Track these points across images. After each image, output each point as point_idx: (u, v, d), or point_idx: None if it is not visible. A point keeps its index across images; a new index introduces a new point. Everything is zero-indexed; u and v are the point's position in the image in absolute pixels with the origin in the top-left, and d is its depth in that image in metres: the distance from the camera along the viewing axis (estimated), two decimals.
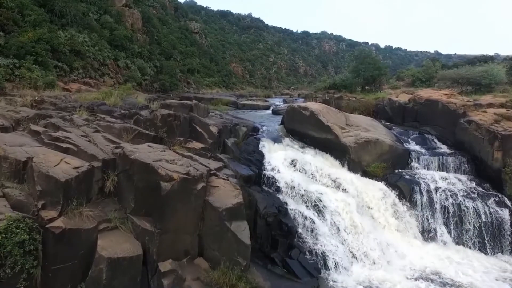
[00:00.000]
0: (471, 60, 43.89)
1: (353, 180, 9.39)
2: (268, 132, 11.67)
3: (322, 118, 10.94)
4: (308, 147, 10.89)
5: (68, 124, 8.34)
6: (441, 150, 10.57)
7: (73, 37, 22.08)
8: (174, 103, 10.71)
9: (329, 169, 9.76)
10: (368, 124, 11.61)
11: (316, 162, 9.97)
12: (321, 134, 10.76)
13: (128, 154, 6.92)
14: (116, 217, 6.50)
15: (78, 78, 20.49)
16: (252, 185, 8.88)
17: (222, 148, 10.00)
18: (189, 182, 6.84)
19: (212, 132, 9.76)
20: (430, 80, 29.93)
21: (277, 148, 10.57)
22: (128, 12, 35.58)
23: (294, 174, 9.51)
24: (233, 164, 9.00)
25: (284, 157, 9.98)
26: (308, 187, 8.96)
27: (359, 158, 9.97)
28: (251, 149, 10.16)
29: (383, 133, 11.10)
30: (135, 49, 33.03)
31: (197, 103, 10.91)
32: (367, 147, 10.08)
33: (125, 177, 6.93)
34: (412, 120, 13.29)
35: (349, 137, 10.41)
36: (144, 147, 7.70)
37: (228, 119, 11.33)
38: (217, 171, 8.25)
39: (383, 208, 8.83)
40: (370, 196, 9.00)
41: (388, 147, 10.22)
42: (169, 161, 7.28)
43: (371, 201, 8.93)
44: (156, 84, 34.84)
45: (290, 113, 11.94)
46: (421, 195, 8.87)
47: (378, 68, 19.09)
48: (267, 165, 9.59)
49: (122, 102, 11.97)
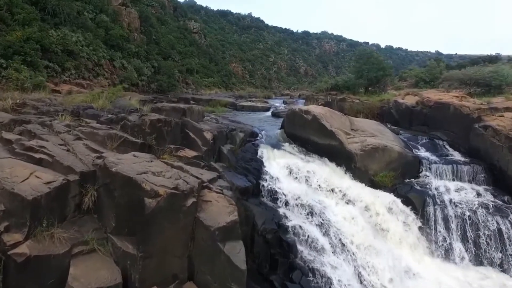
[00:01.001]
0: (475, 60, 43.24)
1: (359, 191, 8.63)
2: (267, 137, 10.90)
3: (325, 122, 10.18)
4: (310, 154, 10.13)
5: (46, 131, 7.57)
6: (454, 157, 9.81)
7: (65, 36, 21.32)
8: (165, 107, 9.95)
9: (333, 178, 9.00)
10: (374, 129, 10.85)
11: (319, 171, 9.20)
12: (324, 140, 10.00)
13: (109, 166, 6.15)
14: (94, 238, 5.72)
15: (70, 79, 19.72)
16: (249, 197, 8.12)
17: (217, 156, 9.24)
18: (178, 197, 6.08)
19: (206, 139, 8.99)
20: (434, 81, 29.16)
21: (277, 155, 9.81)
22: (125, 11, 34.80)
23: (295, 184, 8.76)
24: (228, 174, 8.23)
25: (285, 166, 9.23)
26: (310, 199, 8.20)
27: (365, 167, 9.21)
28: (248, 156, 9.40)
29: (391, 139, 10.33)
30: (131, 49, 32.26)
31: (191, 106, 10.14)
32: (374, 154, 9.32)
33: (106, 192, 6.17)
34: (420, 124, 12.53)
35: (355, 144, 9.65)
36: (129, 157, 6.93)
37: (224, 123, 10.56)
38: (210, 183, 7.49)
39: (393, 222, 8.06)
40: (378, 209, 8.24)
41: (397, 154, 9.46)
42: (156, 173, 6.52)
43: (380, 214, 8.17)
44: (154, 85, 34.08)
45: (290, 117, 11.18)
46: (435, 208, 8.11)
47: (382, 68, 18.31)
48: (266, 174, 8.83)
49: (111, 105, 11.22)
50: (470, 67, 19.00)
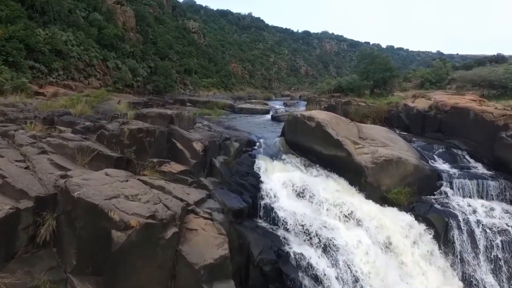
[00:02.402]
0: (481, 60, 42.04)
1: (371, 211, 7.51)
2: (265, 146, 9.78)
3: (330, 130, 9.06)
4: (313, 166, 9.00)
5: (5, 144, 6.46)
6: (478, 170, 8.67)
7: (54, 35, 20.19)
8: (151, 113, 8.83)
9: (340, 196, 7.88)
10: (385, 137, 9.72)
11: (324, 186, 8.09)
12: (330, 150, 8.88)
13: (71, 190, 5.04)
14: (49, 281, 4.63)
15: (57, 80, 18.60)
16: (244, 219, 7.00)
17: (209, 170, 8.12)
18: (155, 228, 4.97)
19: (195, 150, 7.88)
20: (440, 82, 27.99)
21: (277, 168, 8.69)
22: (120, 10, 33.66)
23: (297, 203, 7.64)
24: (220, 193, 7.11)
25: (285, 181, 8.10)
26: (315, 222, 7.08)
27: (377, 182, 8.08)
28: (244, 170, 8.28)
29: (405, 148, 9.20)
30: (126, 48, 31.10)
31: (179, 112, 9.03)
32: (387, 168, 8.19)
33: (67, 222, 5.06)
34: (434, 131, 11.39)
35: (365, 155, 8.52)
36: (100, 175, 5.82)
37: (218, 131, 9.44)
38: (197, 205, 6.37)
39: (411, 249, 6.93)
40: (393, 233, 7.11)
41: (412, 167, 8.33)
42: (130, 197, 5.40)
43: (396, 240, 7.04)
44: (150, 86, 32.97)
45: (292, 124, 10.06)
46: (460, 232, 6.98)
47: (389, 69, 17.13)
48: (264, 191, 7.71)
49: (93, 110, 10.11)
50: (482, 68, 17.86)
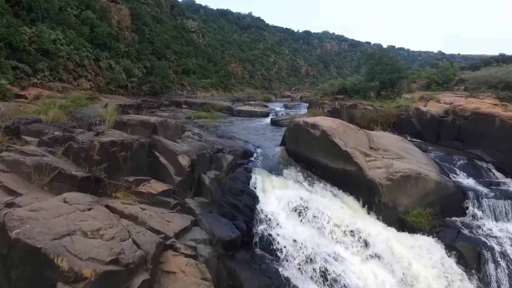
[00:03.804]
0: (487, 60, 40.89)
1: (387, 238, 6.36)
2: (263, 157, 8.63)
3: (337, 140, 7.91)
4: (318, 182, 7.86)
5: None
6: (510, 188, 7.52)
7: (41, 33, 19.06)
8: (132, 121, 7.68)
9: (350, 218, 6.73)
10: (399, 148, 8.56)
11: (331, 207, 6.94)
12: (337, 163, 7.73)
13: (8, 227, 3.89)
14: None
15: (43, 82, 17.48)
16: (237, 250, 5.84)
17: (197, 188, 6.96)
18: (117, 277, 3.82)
19: (181, 165, 6.72)
20: (447, 83, 26.90)
21: (276, 184, 7.54)
22: (114, 8, 32.49)
23: (300, 228, 6.49)
24: (208, 218, 5.96)
25: (286, 200, 6.96)
26: (322, 252, 5.93)
27: (394, 202, 6.93)
28: (239, 187, 7.12)
29: (423, 161, 8.05)
30: (121, 48, 29.93)
31: (165, 120, 7.87)
32: (405, 185, 7.04)
33: (2, 270, 3.93)
34: (451, 139, 10.24)
35: (378, 169, 7.37)
36: (55, 203, 4.68)
37: (209, 141, 8.28)
38: (178, 237, 5.21)
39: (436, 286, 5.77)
40: (415, 266, 5.95)
41: (434, 184, 7.17)
42: (89, 233, 4.25)
43: (418, 273, 5.88)
44: (145, 87, 31.82)
45: (293, 132, 8.91)
46: (496, 265, 5.83)
47: (398, 69, 15.95)
48: (261, 214, 6.56)
49: (69, 116, 8.96)
50: (498, 68, 16.69)
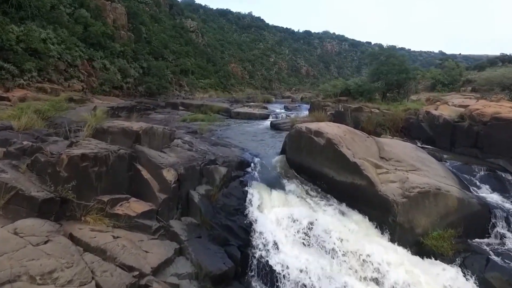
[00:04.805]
0: (493, 60, 39.97)
1: (405, 266, 5.48)
2: (262, 168, 7.74)
3: (345, 150, 7.03)
4: (323, 197, 6.97)
5: None
6: None
7: (30, 32, 18.19)
8: (113, 129, 6.80)
9: (361, 242, 5.85)
10: (413, 158, 7.67)
11: (339, 228, 6.06)
12: (344, 176, 6.86)
13: None
14: None
15: (30, 83, 16.62)
16: (229, 283, 4.97)
17: (185, 206, 6.07)
18: None
19: (166, 181, 5.84)
20: (453, 84, 26.07)
21: (276, 201, 6.66)
22: (110, 7, 31.60)
23: (303, 253, 5.61)
24: (196, 246, 5.07)
25: (288, 220, 6.09)
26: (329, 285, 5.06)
27: (410, 223, 6.05)
28: (233, 204, 6.24)
29: (441, 173, 7.16)
30: (116, 48, 29.04)
31: (151, 127, 6.98)
32: (423, 203, 6.16)
33: None
34: (468, 146, 9.36)
35: (391, 184, 6.48)
36: (2, 236, 3.82)
37: (201, 150, 7.39)
38: (157, 273, 4.33)
39: None
40: None
41: (456, 201, 6.29)
42: (38, 278, 3.36)
43: None
44: (142, 87, 30.93)
45: (295, 139, 8.04)
46: None
47: (405, 70, 15.04)
48: (259, 238, 5.69)
49: (47, 122, 8.10)
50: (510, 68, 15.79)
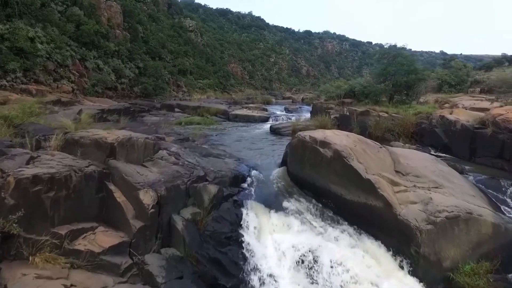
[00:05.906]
0: (499, 60, 38.92)
1: None
2: (259, 183, 6.73)
3: (356, 164, 6.02)
4: (331, 218, 5.96)
5: None
6: None
7: (16, 30, 17.21)
8: (85, 140, 5.80)
9: (378, 277, 4.85)
10: (434, 172, 6.64)
11: (352, 260, 5.06)
12: (356, 195, 5.85)
13: None
14: None
15: (14, 84, 15.64)
16: None
17: (166, 235, 5.06)
18: None
19: (142, 205, 4.83)
20: (461, 84, 25.13)
21: (276, 225, 5.66)
22: (104, 5, 30.58)
23: None
24: None
25: (290, 251, 5.08)
26: None
27: (437, 254, 5.04)
28: (225, 231, 5.22)
29: (468, 191, 6.14)
30: (110, 47, 28.01)
31: (129, 138, 5.96)
32: (451, 230, 5.15)
33: None
34: (492, 156, 8.34)
35: (412, 205, 5.47)
36: None
37: (189, 163, 6.37)
38: None
39: None
40: None
41: (491, 228, 5.28)
42: None
43: None
44: (137, 88, 29.93)
45: (297, 150, 7.03)
46: None
47: (414, 70, 14.02)
48: (255, 274, 4.68)
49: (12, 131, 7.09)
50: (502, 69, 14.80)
